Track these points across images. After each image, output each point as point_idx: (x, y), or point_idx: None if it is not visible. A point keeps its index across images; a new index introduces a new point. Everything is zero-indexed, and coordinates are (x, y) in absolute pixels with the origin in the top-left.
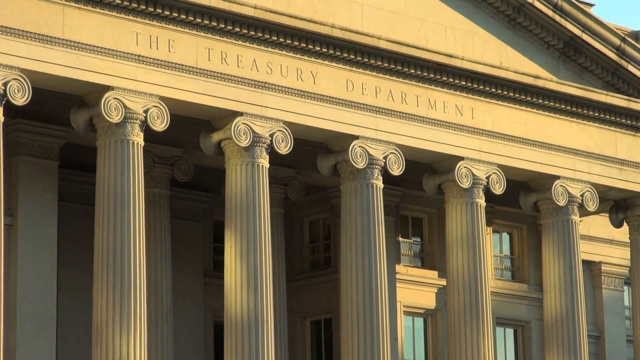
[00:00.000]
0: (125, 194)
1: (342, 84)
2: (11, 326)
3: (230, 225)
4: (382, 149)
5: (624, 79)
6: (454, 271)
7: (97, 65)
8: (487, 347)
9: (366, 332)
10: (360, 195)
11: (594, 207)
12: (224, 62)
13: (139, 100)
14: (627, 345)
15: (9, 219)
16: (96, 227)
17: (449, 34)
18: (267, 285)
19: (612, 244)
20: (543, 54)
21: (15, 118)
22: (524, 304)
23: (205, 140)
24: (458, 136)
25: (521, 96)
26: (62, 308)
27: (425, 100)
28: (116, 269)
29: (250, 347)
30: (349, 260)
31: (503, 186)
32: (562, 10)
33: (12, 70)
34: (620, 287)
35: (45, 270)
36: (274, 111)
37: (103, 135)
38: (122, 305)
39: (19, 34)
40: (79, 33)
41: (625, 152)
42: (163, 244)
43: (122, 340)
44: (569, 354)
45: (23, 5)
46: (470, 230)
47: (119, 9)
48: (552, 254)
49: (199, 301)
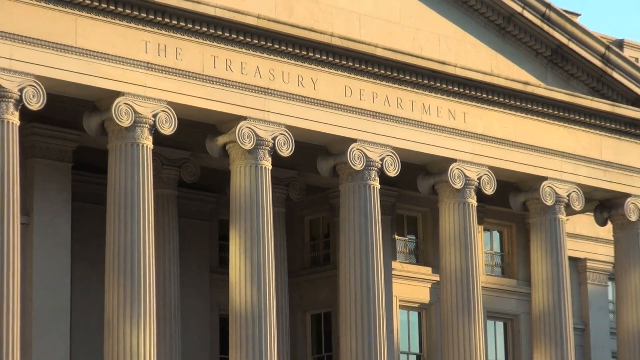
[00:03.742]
0: (135, 195)
1: (341, 90)
2: (27, 320)
3: (235, 224)
4: (379, 152)
5: (608, 85)
6: (447, 267)
7: (108, 72)
8: (479, 339)
9: (364, 325)
10: (358, 196)
11: (580, 206)
12: (228, 69)
13: (148, 105)
14: (610, 337)
15: (25, 218)
16: (108, 226)
17: (443, 43)
18: (270, 281)
19: (596, 242)
20: (532, 61)
21: (30, 122)
22: (513, 298)
23: (211, 143)
24: (451, 139)
25: (511, 101)
26: (76, 303)
27: (420, 105)
28: (127, 265)
29: (254, 340)
30: (348, 257)
31: (493, 187)
32: (549, 20)
33: (27, 77)
34: (605, 282)
35: (59, 267)
36: (276, 116)
37: (114, 139)
38: (133, 299)
39: (34, 43)
40: (91, 41)
41: (609, 154)
42: (171, 242)
43: (132, 333)
44: (556, 346)
45: (38, 15)
46: (463, 228)
47: (129, 19)
48: (540, 251)
49: (206, 296)
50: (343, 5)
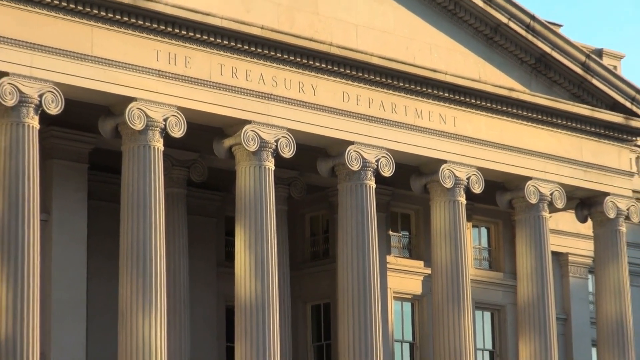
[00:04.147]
0: (147, 193)
1: (339, 96)
2: (47, 311)
3: (240, 220)
4: (375, 153)
5: (588, 92)
6: (438, 261)
7: (122, 79)
8: (468, 328)
9: (360, 315)
10: (355, 194)
11: (562, 204)
12: (234, 76)
13: (159, 110)
14: (590, 326)
15: (45, 215)
16: (121, 223)
17: (434, 52)
18: (273, 274)
19: (577, 237)
20: (517, 69)
21: (49, 126)
22: (500, 290)
23: (218, 146)
24: (441, 142)
25: (497, 106)
26: (92, 294)
27: (413, 110)
28: (139, 259)
29: (257, 328)
30: (345, 251)
31: (481, 186)
32: (533, 30)
33: (46, 83)
34: (585, 275)
35: (76, 261)
36: (279, 120)
37: (127, 141)
38: (145, 291)
39: (53, 52)
40: (106, 50)
41: (589, 156)
42: (180, 237)
43: (144, 323)
44: (540, 335)
45: (56, 26)
46: (453, 225)
47: (142, 29)
48: (524, 246)
49: (213, 288)
50: (341, 16)
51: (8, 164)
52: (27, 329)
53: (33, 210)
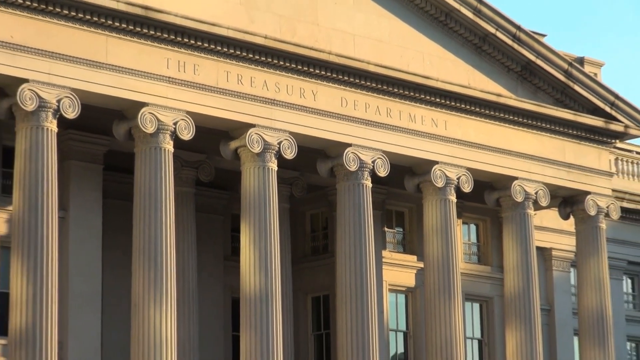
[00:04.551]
0: (158, 192)
1: (338, 101)
2: (64, 302)
3: (245, 218)
4: (371, 155)
5: (570, 97)
6: (430, 256)
7: (135, 85)
8: (458, 318)
9: (357, 306)
10: (353, 193)
11: (546, 202)
12: (239, 82)
13: (169, 114)
14: (572, 317)
15: (63, 212)
16: (134, 220)
17: (426, 60)
18: (276, 267)
19: (561, 233)
20: (504, 76)
21: (67, 129)
22: (488, 283)
23: (224, 148)
24: (433, 144)
25: (486, 111)
26: (106, 287)
27: (407, 114)
28: (151, 254)
29: (261, 319)
30: (344, 246)
31: (471, 185)
32: (519, 40)
33: (64, 89)
34: (568, 269)
35: (92, 255)
36: (281, 123)
37: (140, 144)
38: (156, 284)
39: (70, 60)
40: (119, 58)
41: (571, 157)
42: (189, 233)
43: (155, 313)
44: (525, 324)
45: (73, 35)
46: (444, 221)
47: (153, 39)
48: (511, 241)
49: (220, 280)
50: (340, 27)
51: (28, 165)
52: (46, 319)
53: (51, 208)
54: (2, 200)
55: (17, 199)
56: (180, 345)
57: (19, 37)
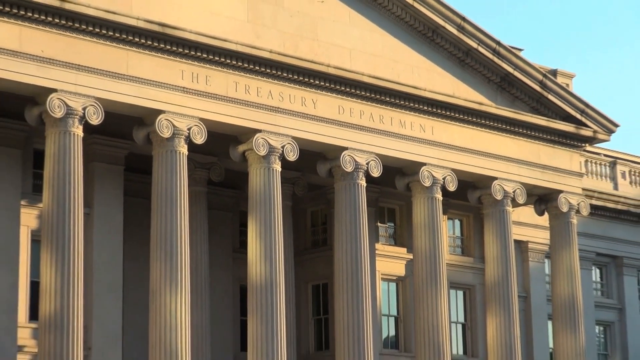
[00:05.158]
0: (174, 191)
1: (335, 109)
2: (89, 290)
3: (252, 214)
4: (365, 157)
5: (545, 105)
6: (419, 248)
7: (153, 95)
8: (443, 304)
9: (353, 293)
10: (349, 192)
11: (523, 200)
12: (247, 92)
13: (184, 121)
14: (547, 303)
15: (87, 209)
16: (152, 216)
17: (415, 72)
18: (280, 259)
19: (536, 228)
20: (485, 86)
21: (91, 134)
22: (471, 272)
23: (233, 151)
24: (422, 147)
25: (469, 118)
26: (127, 276)
27: (397, 120)
28: (167, 247)
29: (267, 305)
30: (341, 240)
31: (455, 185)
32: (499, 54)
33: (89, 98)
34: (542, 260)
35: (114, 247)
36: (285, 129)
37: (157, 147)
38: (172, 273)
39: (95, 71)
40: (139, 70)
41: (546, 159)
42: (202, 228)
43: (171, 300)
44: (504, 310)
45: (97, 50)
46: (431, 217)
47: (169, 53)
48: (491, 235)
49: (229, 271)
50: (337, 42)
51: (57, 167)
52: (72, 305)
53: (77, 205)
54: (33, 199)
55: (46, 197)
56: (194, 328)
57: (49, 52)
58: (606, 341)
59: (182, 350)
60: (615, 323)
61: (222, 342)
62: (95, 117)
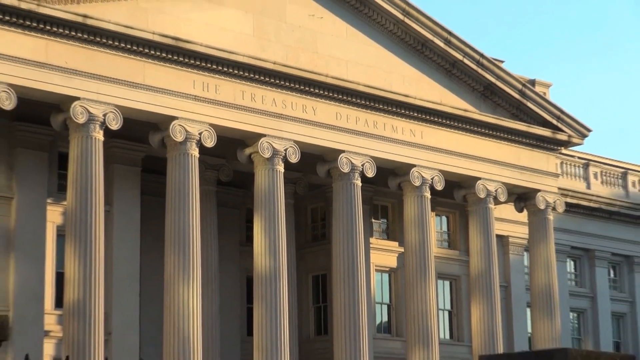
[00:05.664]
0: (186, 190)
1: (333, 115)
2: (109, 280)
3: (257, 211)
4: (361, 160)
5: (524, 112)
6: (409, 242)
7: (167, 102)
8: (432, 293)
9: (350, 283)
10: (346, 191)
11: (504, 198)
12: (253, 100)
13: (196, 126)
14: (525, 293)
15: (108, 207)
16: (167, 213)
17: (406, 81)
18: (282, 252)
19: (516, 224)
20: (470, 94)
21: (111, 138)
22: (457, 264)
23: (240, 153)
24: (412, 150)
25: (455, 123)
26: (144, 268)
27: (390, 126)
28: (180, 242)
29: (271, 294)
30: (338, 234)
31: (442, 184)
32: (482, 65)
33: (109, 106)
34: (521, 253)
35: (132, 242)
36: (287, 133)
37: (171, 150)
38: (185, 266)
39: (114, 81)
40: (155, 80)
41: (525, 161)
42: (212, 224)
43: (184, 290)
44: (487, 299)
45: (116, 61)
46: (420, 214)
47: (182, 64)
48: (475, 230)
49: (236, 263)
50: (335, 55)
51: (79, 168)
52: (94, 295)
53: (98, 203)
54: (58, 197)
55: (70, 196)
56: (204, 316)
57: (72, 63)
58: (579, 327)
59: (193, 335)
60: (587, 310)
61: (230, 328)
62: (114, 123)
